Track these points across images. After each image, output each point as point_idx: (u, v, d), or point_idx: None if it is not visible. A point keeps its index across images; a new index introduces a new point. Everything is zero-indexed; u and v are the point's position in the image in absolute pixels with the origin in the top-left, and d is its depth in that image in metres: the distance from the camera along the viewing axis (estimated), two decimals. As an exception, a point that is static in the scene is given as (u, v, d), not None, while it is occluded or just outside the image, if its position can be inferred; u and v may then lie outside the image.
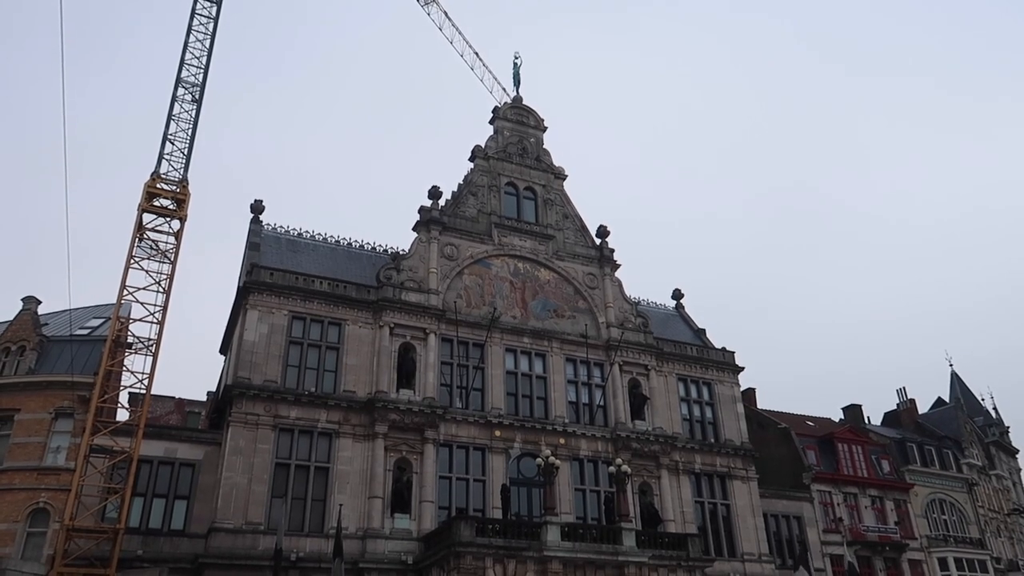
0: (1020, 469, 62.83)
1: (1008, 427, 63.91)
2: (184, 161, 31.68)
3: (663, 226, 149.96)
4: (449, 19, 45.91)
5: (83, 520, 25.69)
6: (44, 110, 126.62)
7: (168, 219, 30.60)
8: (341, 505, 28.99)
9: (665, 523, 36.15)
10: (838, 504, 45.51)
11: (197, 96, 32.63)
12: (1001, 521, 54.68)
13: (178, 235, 30.46)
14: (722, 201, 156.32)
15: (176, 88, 32.35)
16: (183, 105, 32.26)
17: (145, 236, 29.97)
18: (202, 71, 33.13)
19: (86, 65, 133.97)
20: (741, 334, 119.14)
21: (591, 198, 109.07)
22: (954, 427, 56.85)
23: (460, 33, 46.16)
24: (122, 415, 31.96)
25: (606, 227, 43.35)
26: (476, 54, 46.41)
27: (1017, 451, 63.28)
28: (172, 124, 31.93)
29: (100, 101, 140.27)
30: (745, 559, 38.17)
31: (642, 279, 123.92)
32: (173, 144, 31.58)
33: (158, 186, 30.46)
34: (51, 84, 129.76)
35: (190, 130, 32.09)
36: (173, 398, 49.93)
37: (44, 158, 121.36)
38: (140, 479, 28.97)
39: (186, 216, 30.68)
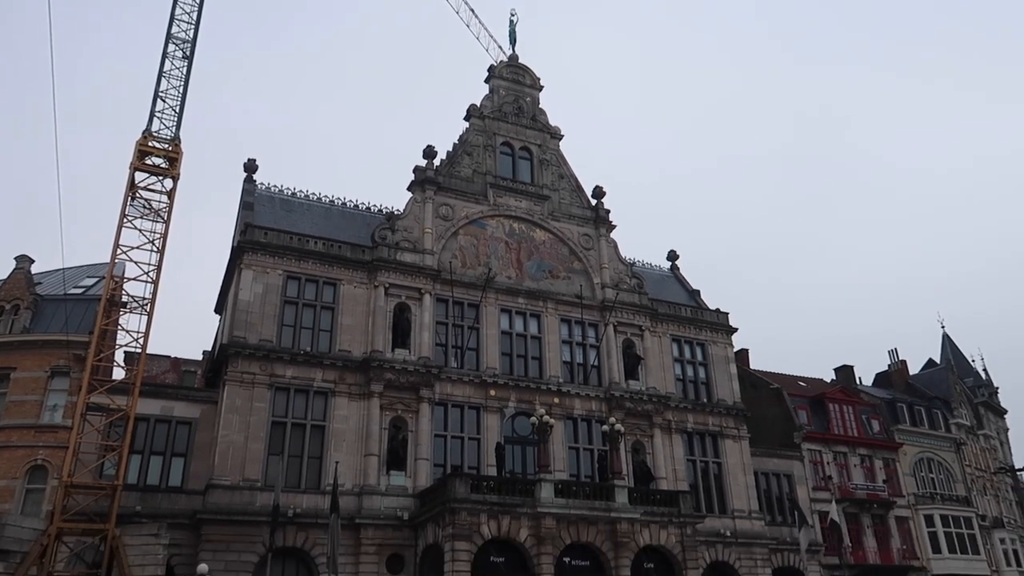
0: (1008, 429, 63.75)
1: (997, 388, 64.69)
2: (176, 119, 31.26)
3: (659, 187, 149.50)
4: (443, -25, 45.02)
5: (81, 477, 25.93)
6: (35, 66, 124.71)
7: (160, 178, 30.32)
8: (337, 462, 29.32)
9: (657, 481, 36.66)
10: (828, 463, 46.21)
11: (188, 53, 32.08)
12: (987, 479, 55.62)
13: (171, 194, 30.20)
14: (716, 161, 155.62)
15: (167, 44, 31.80)
16: (174, 62, 31.73)
17: (138, 195, 29.70)
18: (193, 27, 32.51)
19: (79, 18, 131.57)
20: (735, 296, 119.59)
21: (586, 159, 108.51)
22: (944, 388, 57.50)
23: (454, -12, 45.31)
24: (118, 374, 32.12)
25: (602, 188, 43.18)
26: (472, 11, 45.72)
27: (1005, 411, 64.13)
28: (163, 81, 31.42)
29: (93, 57, 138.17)
30: (735, 516, 38.82)
31: (637, 240, 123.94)
32: (164, 102, 31.14)
33: (150, 144, 30.10)
34: (43, 39, 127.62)
35: (182, 87, 31.62)
36: (169, 357, 50.07)
37: (35, 115, 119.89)
38: (137, 437, 29.17)
39: (179, 175, 30.39)
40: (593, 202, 42.83)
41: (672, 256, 49.97)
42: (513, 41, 45.27)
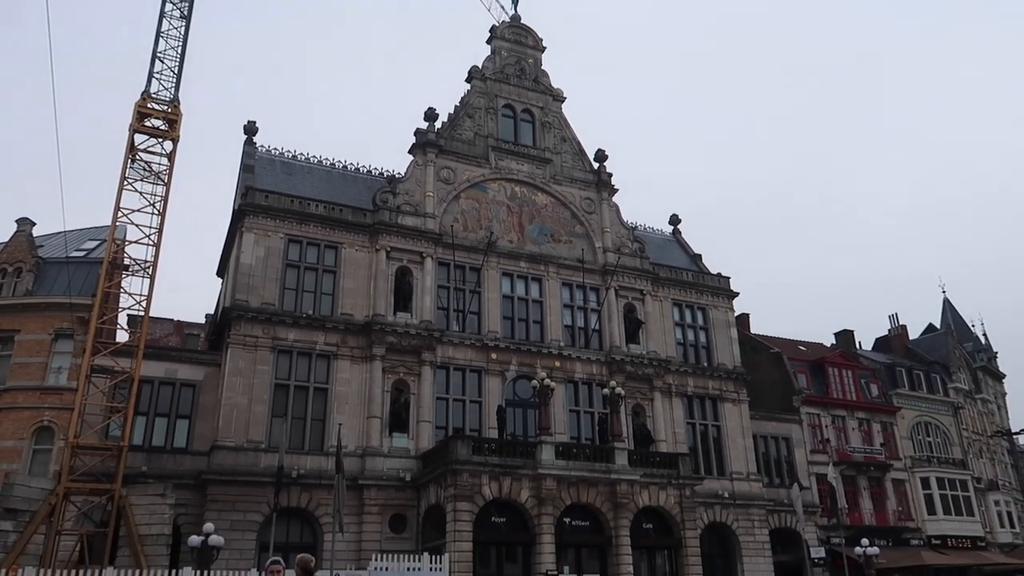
0: (1006, 393, 64.20)
1: (996, 352, 65.00)
2: (175, 80, 30.88)
3: (661, 149, 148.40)
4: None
5: (87, 438, 26.18)
6: (32, 23, 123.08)
7: (160, 140, 30.10)
8: (340, 424, 29.55)
9: (657, 443, 37.02)
10: (826, 426, 46.59)
11: (186, 12, 31.60)
12: (984, 443, 56.16)
13: (171, 156, 29.97)
14: (720, 124, 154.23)
15: (164, 3, 31.32)
16: (172, 22, 31.23)
17: (137, 157, 29.49)
18: (190, -15, 31.99)
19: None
20: (736, 260, 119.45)
21: (589, 120, 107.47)
22: (943, 352, 57.73)
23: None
24: (122, 336, 32.24)
25: (604, 151, 42.87)
26: (473, -31, 44.83)
27: (1003, 376, 64.53)
28: (161, 41, 30.96)
29: (91, 16, 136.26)
30: (734, 478, 39.28)
31: (640, 204, 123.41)
32: (163, 63, 30.73)
33: (149, 106, 29.79)
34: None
35: (180, 47, 31.20)
36: (172, 320, 50.23)
37: (33, 75, 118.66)
38: (142, 399, 29.42)
39: (178, 137, 30.14)
40: (595, 166, 42.56)
41: (674, 220, 49.84)
42: (515, 1, 44.61)
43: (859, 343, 57.97)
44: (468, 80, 41.32)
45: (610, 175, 42.37)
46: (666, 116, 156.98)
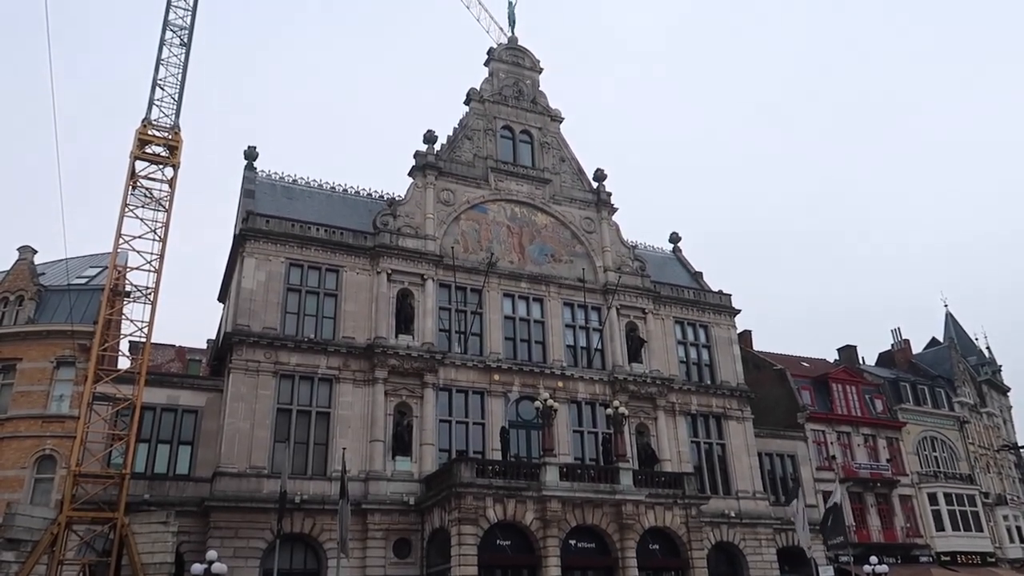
0: (1011, 407, 63.88)
1: (1000, 366, 64.77)
2: (175, 107, 31.09)
3: (662, 169, 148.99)
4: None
5: (89, 466, 26.06)
6: (34, 55, 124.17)
7: (161, 166, 30.24)
8: (344, 449, 29.44)
9: (662, 463, 36.82)
10: (831, 443, 46.36)
11: (186, 40, 31.87)
12: (991, 457, 55.84)
13: (172, 183, 30.10)
14: (717, 139, 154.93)
15: (164, 31, 31.58)
16: (172, 49, 31.50)
17: (138, 184, 29.62)
18: (190, 13, 32.31)
19: (76, 8, 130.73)
20: (737, 277, 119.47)
21: (587, 139, 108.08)
22: (947, 367, 57.56)
23: (454, -31, 44.95)
24: (123, 363, 32.18)
25: (603, 171, 43.04)
26: (472, -9, 45.26)
27: (1008, 389, 64.23)
28: (161, 69, 31.24)
29: (92, 46, 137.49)
30: (740, 496, 39.01)
31: (640, 223, 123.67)
32: (163, 89, 30.95)
33: (149, 133, 29.98)
34: (40, 28, 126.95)
35: (180, 75, 31.43)
36: (174, 346, 50.27)
37: (34, 103, 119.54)
38: (144, 426, 29.30)
39: (179, 163, 30.27)
40: (595, 185, 42.71)
41: (674, 238, 49.90)
42: (512, 23, 45.00)
43: (862, 358, 57.84)
44: (467, 102, 41.58)
45: (609, 194, 42.49)
46: (667, 132, 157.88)
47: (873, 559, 36.03)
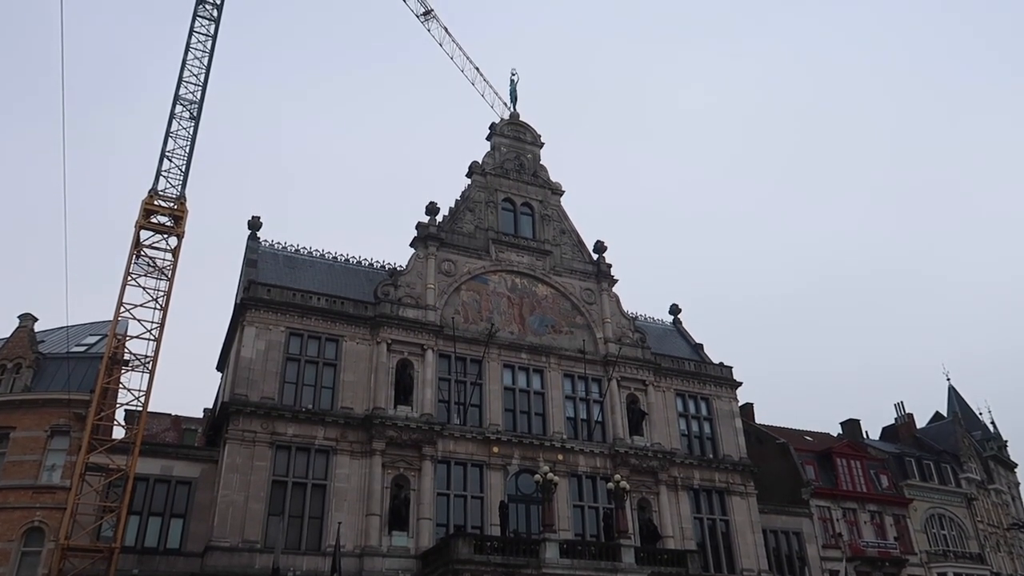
0: (1019, 483, 62.72)
1: (1006, 441, 63.90)
2: (182, 178, 31.72)
3: (661, 240, 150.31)
4: (449, 35, 46.18)
5: (78, 539, 25.52)
6: (41, 123, 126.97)
7: (165, 236, 30.61)
8: (340, 523, 28.82)
9: (664, 539, 36.00)
10: (837, 519, 45.38)
11: (195, 113, 32.73)
12: (1001, 536, 54.56)
13: (175, 252, 30.45)
14: (722, 211, 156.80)
15: (174, 105, 32.45)
16: (181, 122, 32.35)
17: (142, 253, 29.95)
18: (200, 88, 33.25)
19: (85, 74, 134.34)
20: (738, 350, 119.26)
21: (587, 211, 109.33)
22: (952, 441, 56.82)
23: (460, 49, 46.41)
24: (118, 433, 31.84)
25: (603, 242, 43.49)
26: (477, 69, 46.64)
27: (1015, 465, 63.21)
28: (170, 141, 32.00)
29: (99, 114, 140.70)
30: (744, 575, 37.98)
31: (640, 293, 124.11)
32: (171, 161, 31.64)
33: (155, 203, 30.48)
34: (50, 91, 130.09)
35: (188, 147, 32.16)
36: (170, 415, 49.67)
37: (40, 171, 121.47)
38: (136, 497, 28.81)
39: (183, 233, 30.69)
40: (595, 257, 43.06)
41: (674, 310, 50.01)
42: (514, 99, 46.19)
43: (866, 432, 57.17)
44: (468, 175, 42.31)
45: (610, 266, 42.82)
46: (662, 205, 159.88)
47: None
